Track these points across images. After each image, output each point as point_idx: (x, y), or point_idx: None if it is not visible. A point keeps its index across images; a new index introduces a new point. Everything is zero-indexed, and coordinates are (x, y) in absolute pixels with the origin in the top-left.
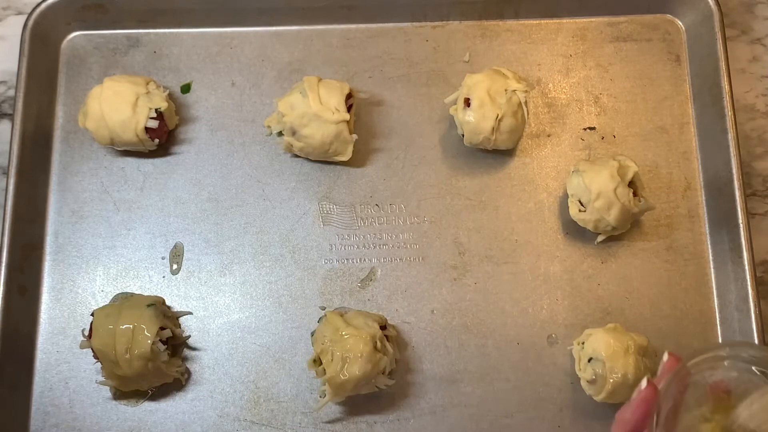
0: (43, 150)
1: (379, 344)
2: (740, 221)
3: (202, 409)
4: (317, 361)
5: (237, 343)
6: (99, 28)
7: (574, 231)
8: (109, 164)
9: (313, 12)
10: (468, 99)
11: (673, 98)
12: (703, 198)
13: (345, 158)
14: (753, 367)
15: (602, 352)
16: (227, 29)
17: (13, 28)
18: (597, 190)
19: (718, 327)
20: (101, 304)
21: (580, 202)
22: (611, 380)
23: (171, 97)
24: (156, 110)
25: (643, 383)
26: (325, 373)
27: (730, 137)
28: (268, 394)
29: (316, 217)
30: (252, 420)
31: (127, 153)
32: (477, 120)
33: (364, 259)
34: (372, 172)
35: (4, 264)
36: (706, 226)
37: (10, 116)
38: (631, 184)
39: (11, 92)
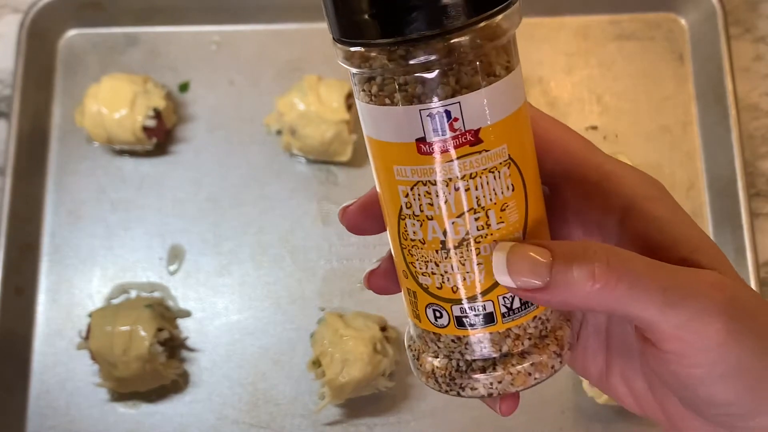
0: (40, 149)
1: (379, 346)
2: (744, 221)
3: (200, 411)
4: (316, 363)
5: (235, 344)
6: (96, 27)
7: None
8: (106, 164)
9: (313, 10)
10: None
11: (676, 97)
12: (707, 198)
13: (345, 158)
14: None
15: None
16: (226, 27)
17: (10, 26)
18: None
19: None
20: (98, 305)
21: None
22: None
23: (169, 95)
24: (154, 109)
25: None
26: (324, 375)
27: (733, 136)
28: (266, 397)
29: (315, 217)
30: (251, 422)
31: (124, 152)
32: None
33: (364, 260)
34: (372, 172)
35: (0, 265)
36: (710, 226)
37: (7, 115)
38: None
39: (8, 91)
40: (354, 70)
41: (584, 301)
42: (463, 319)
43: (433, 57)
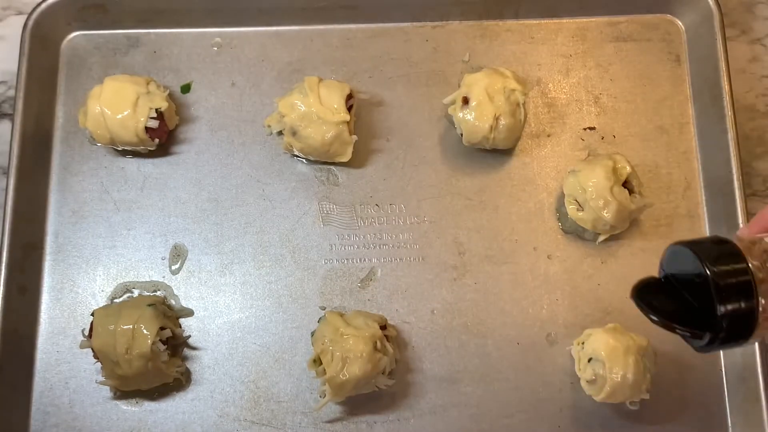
0: (43, 150)
1: (379, 344)
2: (740, 221)
3: (202, 409)
4: (317, 361)
5: (237, 343)
6: (99, 28)
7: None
8: (109, 164)
9: (314, 12)
10: (466, 98)
11: (673, 98)
12: (703, 198)
13: (345, 159)
14: None
15: (602, 352)
16: (227, 29)
17: (13, 28)
18: (592, 189)
19: None
20: (101, 304)
21: (576, 201)
22: (611, 380)
23: (171, 97)
24: (156, 110)
25: None
26: (325, 373)
27: (730, 137)
28: (268, 394)
29: (316, 217)
30: (252, 420)
31: (127, 153)
32: (475, 119)
33: (364, 259)
34: (372, 172)
35: (4, 264)
36: (706, 226)
37: (10, 116)
38: (627, 182)
39: (11, 92)
40: None
41: None
42: None
43: None
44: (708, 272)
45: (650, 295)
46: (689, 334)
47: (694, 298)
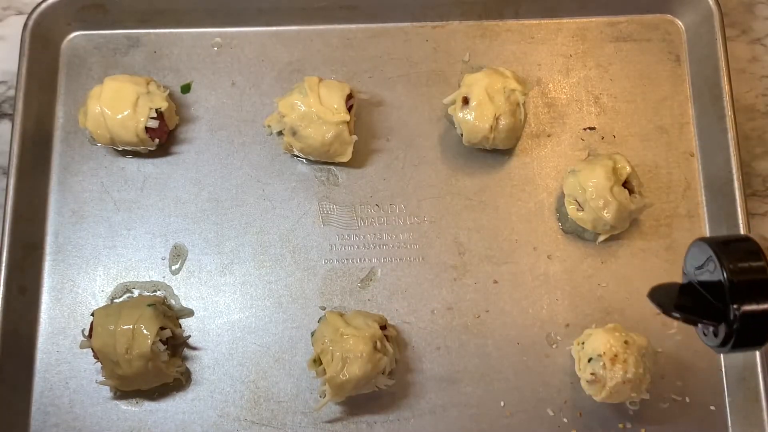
0: (43, 150)
1: (379, 344)
2: (740, 221)
3: (202, 408)
4: (317, 361)
5: (237, 343)
6: (99, 28)
7: (573, 231)
8: (109, 164)
9: (313, 12)
10: (466, 98)
11: (673, 98)
12: (703, 198)
13: (345, 159)
14: None
15: (602, 352)
16: (227, 29)
17: (14, 28)
18: (592, 189)
19: None
20: (101, 304)
21: (576, 201)
22: (611, 380)
23: (171, 97)
24: (156, 110)
25: None
26: (325, 373)
27: (729, 137)
28: (268, 394)
29: (316, 217)
30: (252, 420)
31: (127, 153)
32: (475, 119)
33: (364, 259)
34: (372, 172)
35: (4, 264)
36: (706, 226)
37: (11, 116)
38: (627, 182)
39: (11, 92)
40: None
41: None
42: None
43: None
44: (722, 268)
45: (667, 294)
46: (706, 327)
47: (715, 298)
